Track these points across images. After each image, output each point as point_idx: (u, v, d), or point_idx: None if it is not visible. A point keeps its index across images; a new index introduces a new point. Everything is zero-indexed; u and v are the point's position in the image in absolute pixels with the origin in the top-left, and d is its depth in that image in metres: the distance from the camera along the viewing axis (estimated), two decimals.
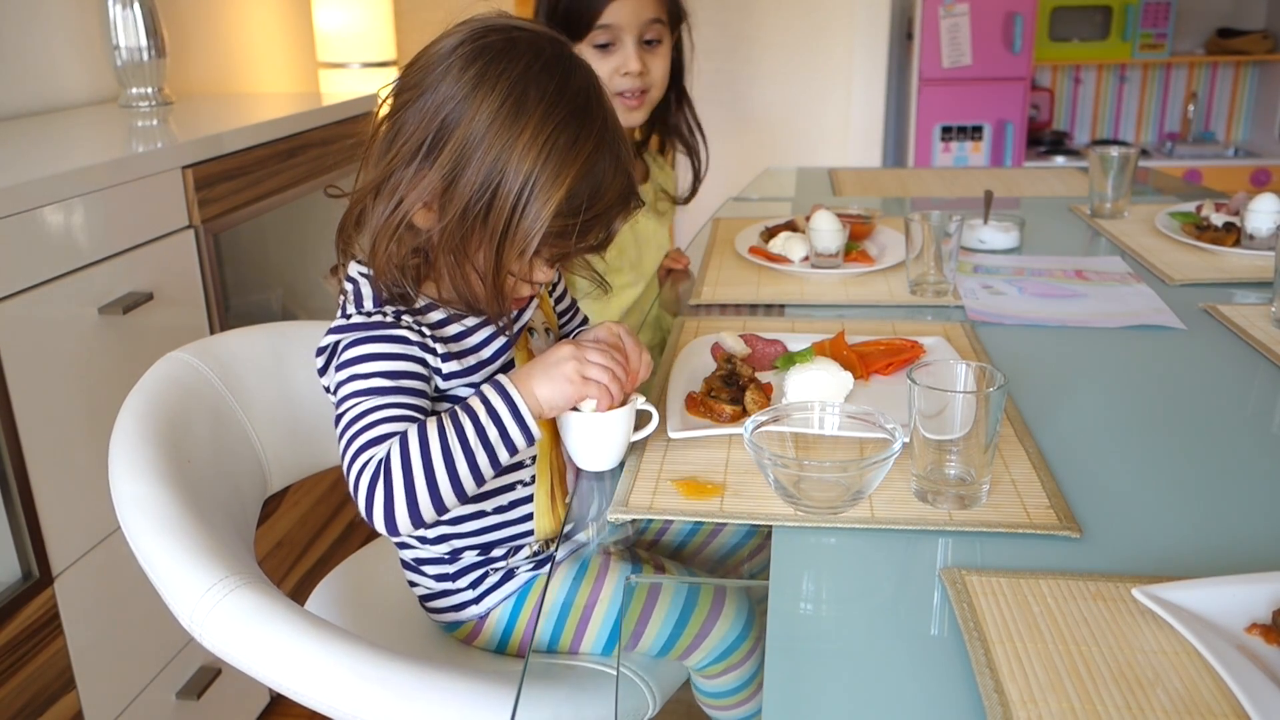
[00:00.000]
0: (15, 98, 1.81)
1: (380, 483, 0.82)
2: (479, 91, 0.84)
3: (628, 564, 0.98)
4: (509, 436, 0.86)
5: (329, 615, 1.12)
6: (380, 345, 0.88)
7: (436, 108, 0.85)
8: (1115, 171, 1.76)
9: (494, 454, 0.85)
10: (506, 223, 0.85)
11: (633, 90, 1.48)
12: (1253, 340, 1.19)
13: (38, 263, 1.25)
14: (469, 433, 0.84)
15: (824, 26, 3.57)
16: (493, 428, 0.85)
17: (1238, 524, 0.81)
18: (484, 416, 0.85)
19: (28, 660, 1.24)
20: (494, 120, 0.84)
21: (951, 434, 0.81)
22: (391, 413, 0.85)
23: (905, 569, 0.76)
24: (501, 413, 0.86)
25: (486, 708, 0.83)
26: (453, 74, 0.85)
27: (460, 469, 0.83)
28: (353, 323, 0.90)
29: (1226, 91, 3.87)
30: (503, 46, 0.86)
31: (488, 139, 0.84)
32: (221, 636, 0.83)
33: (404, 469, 0.82)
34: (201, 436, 1.03)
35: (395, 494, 0.82)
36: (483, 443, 0.84)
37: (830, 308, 1.36)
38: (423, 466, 0.82)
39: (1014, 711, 0.59)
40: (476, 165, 0.84)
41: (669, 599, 0.96)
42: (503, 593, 1.02)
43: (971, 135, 3.43)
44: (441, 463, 0.83)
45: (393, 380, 0.87)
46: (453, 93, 0.85)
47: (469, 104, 0.84)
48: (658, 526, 0.89)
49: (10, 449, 1.22)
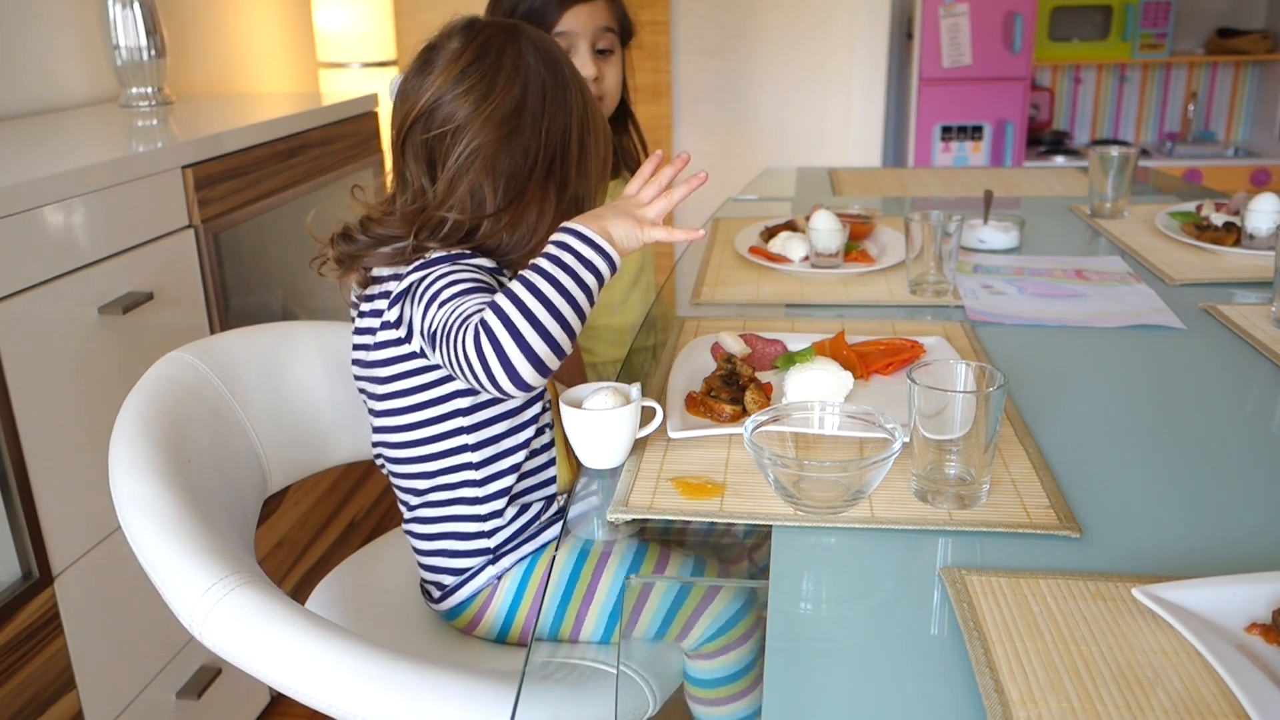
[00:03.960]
0: (15, 98, 1.81)
1: (486, 342, 0.85)
2: (519, 66, 1.02)
3: (632, 548, 0.98)
4: (590, 263, 0.89)
5: (329, 614, 1.12)
6: (465, 267, 0.96)
7: (507, 85, 1.00)
8: (1115, 171, 1.76)
9: (580, 280, 0.89)
10: (579, 163, 1.05)
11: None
12: (1253, 340, 1.19)
13: (38, 263, 1.25)
14: (550, 269, 0.88)
15: (824, 26, 3.57)
16: (570, 257, 0.89)
17: (1238, 524, 0.81)
18: (559, 251, 0.89)
19: (28, 660, 1.24)
20: (540, 84, 1.02)
21: (951, 434, 0.81)
22: (485, 298, 0.90)
23: (905, 569, 0.76)
24: (575, 244, 0.90)
25: (487, 706, 0.84)
26: (498, 66, 1.00)
27: (556, 302, 0.86)
28: (434, 257, 0.97)
29: (1226, 91, 3.87)
30: (506, 34, 1.03)
31: (548, 100, 1.02)
32: (222, 636, 0.83)
33: (504, 322, 0.85)
34: (201, 436, 1.03)
35: (504, 346, 0.84)
36: (567, 272, 0.88)
37: (830, 308, 1.36)
38: (519, 312, 0.85)
39: (1014, 711, 0.59)
40: (552, 123, 1.02)
41: (661, 591, 0.96)
42: (520, 553, 1.04)
43: (971, 135, 3.43)
44: (536, 303, 0.86)
45: (478, 285, 0.94)
46: (512, 76, 1.01)
47: (521, 77, 1.01)
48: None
49: (10, 449, 1.22)
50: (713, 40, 3.61)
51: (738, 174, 3.63)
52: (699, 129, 3.70)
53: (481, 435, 1.01)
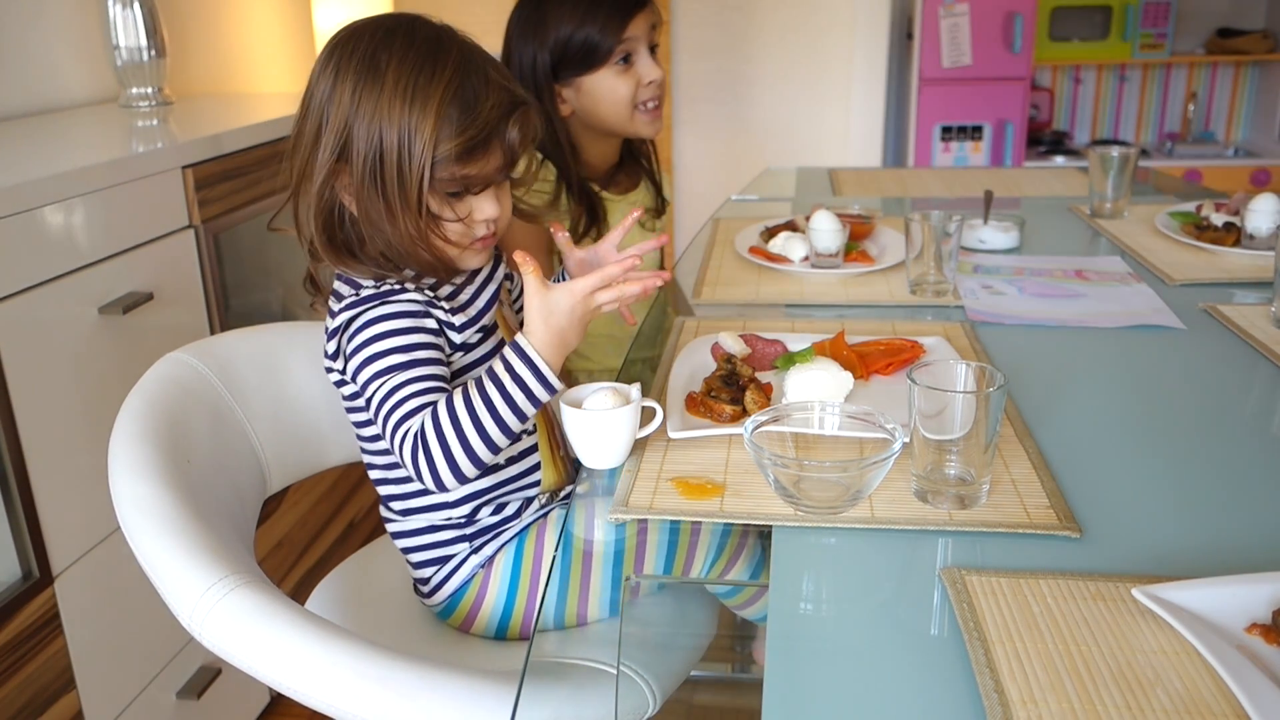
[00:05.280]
0: (15, 98, 1.81)
1: (421, 452, 0.89)
2: (339, 75, 0.94)
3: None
4: (531, 392, 0.91)
5: (329, 615, 1.12)
6: (392, 320, 0.95)
7: (318, 106, 0.95)
8: (1115, 171, 1.76)
9: (519, 410, 0.91)
10: (399, 169, 0.92)
11: (655, 99, 1.49)
12: (1253, 340, 1.19)
13: (38, 263, 1.25)
14: (493, 395, 0.90)
15: (824, 26, 3.57)
16: (514, 386, 0.90)
17: (1238, 524, 0.81)
18: (505, 377, 0.90)
19: (28, 660, 1.24)
20: (355, 91, 0.93)
21: (951, 434, 0.81)
22: (417, 387, 0.92)
23: (905, 569, 0.76)
24: (521, 372, 0.91)
25: (487, 706, 0.83)
26: (321, 74, 0.96)
27: (489, 428, 0.89)
28: (362, 295, 0.96)
29: (1226, 91, 3.87)
30: (348, 35, 0.96)
31: (359, 108, 0.92)
32: (221, 636, 0.83)
33: (439, 437, 0.89)
34: (201, 436, 1.03)
35: (435, 460, 0.89)
36: (507, 402, 0.90)
37: (830, 308, 1.36)
38: (454, 432, 0.89)
39: (1014, 711, 0.59)
40: (360, 135, 0.93)
41: (656, 530, 0.96)
42: (501, 539, 1.04)
43: (971, 135, 3.43)
44: (471, 426, 0.89)
45: (409, 354, 0.94)
46: (323, 88, 0.95)
47: (336, 89, 0.94)
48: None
49: (10, 449, 1.22)
50: (713, 40, 3.61)
51: (738, 174, 3.63)
52: (699, 129, 3.70)
53: None
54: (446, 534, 1.05)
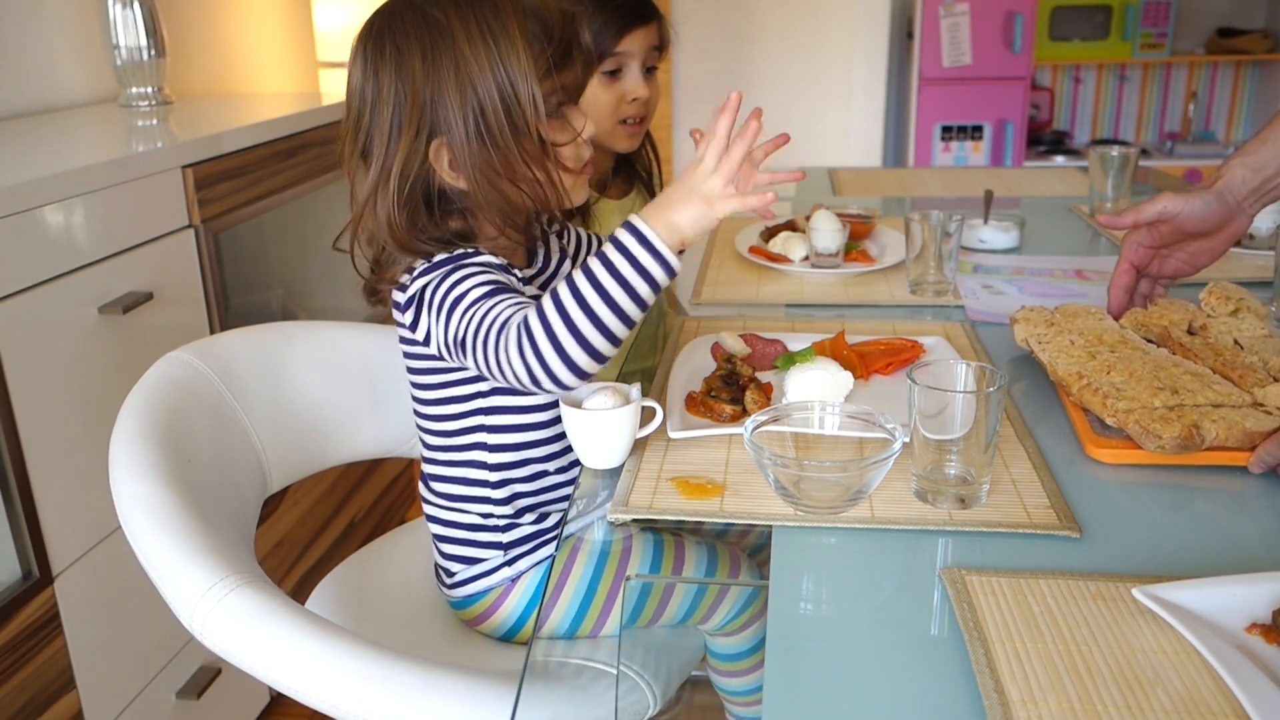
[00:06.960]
0: (15, 98, 1.81)
1: (526, 343, 0.84)
2: (401, 55, 0.91)
3: (649, 545, 0.98)
4: (646, 271, 0.85)
5: (329, 614, 1.12)
6: (478, 274, 0.91)
7: (388, 99, 0.91)
8: (1115, 171, 1.76)
9: (632, 290, 0.85)
10: (507, 111, 0.90)
11: (636, 116, 1.48)
12: None
13: (38, 263, 1.25)
14: (600, 274, 0.84)
15: (824, 26, 3.57)
16: (626, 265, 0.84)
17: (1238, 524, 0.81)
18: (614, 255, 0.85)
19: (28, 660, 1.24)
20: (426, 60, 0.90)
21: (951, 434, 0.81)
22: (511, 302, 0.88)
23: (905, 569, 0.76)
24: (634, 249, 0.85)
25: (487, 707, 0.84)
26: (375, 68, 0.92)
27: (598, 310, 0.84)
28: (436, 261, 0.93)
29: (1226, 91, 3.87)
30: (383, 20, 0.93)
31: (438, 74, 0.90)
32: (222, 636, 0.83)
33: (544, 325, 0.83)
34: (201, 436, 1.03)
35: (542, 349, 0.83)
36: (617, 280, 0.84)
37: (830, 308, 1.36)
38: (560, 316, 0.83)
39: (1014, 711, 0.59)
40: (452, 99, 0.90)
41: (691, 564, 0.98)
42: (536, 557, 1.04)
43: (971, 135, 3.43)
44: (578, 308, 0.83)
45: (496, 285, 0.91)
46: (385, 79, 0.91)
47: (403, 69, 0.90)
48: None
49: (10, 449, 1.22)
50: (713, 40, 3.61)
51: None
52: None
53: (502, 439, 1.02)
54: (484, 535, 1.04)
